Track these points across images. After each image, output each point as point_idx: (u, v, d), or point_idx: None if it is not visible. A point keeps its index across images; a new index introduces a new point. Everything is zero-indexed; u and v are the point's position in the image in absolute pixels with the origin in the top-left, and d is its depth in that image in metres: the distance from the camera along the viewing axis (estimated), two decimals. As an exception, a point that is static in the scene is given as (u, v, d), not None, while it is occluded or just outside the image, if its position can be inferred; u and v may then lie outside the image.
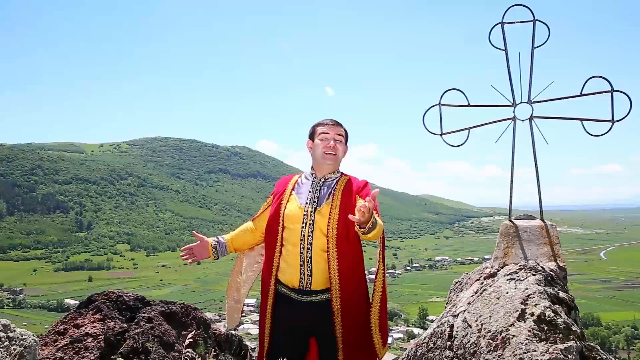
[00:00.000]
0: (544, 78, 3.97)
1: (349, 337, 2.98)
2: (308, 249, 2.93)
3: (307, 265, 2.93)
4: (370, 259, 4.44)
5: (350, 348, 2.99)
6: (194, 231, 3.42)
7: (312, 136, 3.21)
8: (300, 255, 2.94)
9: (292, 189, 3.17)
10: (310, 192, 3.09)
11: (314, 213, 2.99)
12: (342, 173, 3.21)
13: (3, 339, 2.32)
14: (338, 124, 3.16)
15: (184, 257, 3.37)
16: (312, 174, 3.18)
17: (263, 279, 3.17)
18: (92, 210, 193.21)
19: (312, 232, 2.95)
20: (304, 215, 3.00)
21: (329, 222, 2.97)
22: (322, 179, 3.14)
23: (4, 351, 2.27)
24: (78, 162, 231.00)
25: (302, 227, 2.96)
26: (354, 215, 2.66)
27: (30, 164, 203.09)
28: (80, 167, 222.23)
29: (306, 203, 3.04)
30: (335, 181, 3.14)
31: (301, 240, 2.94)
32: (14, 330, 2.45)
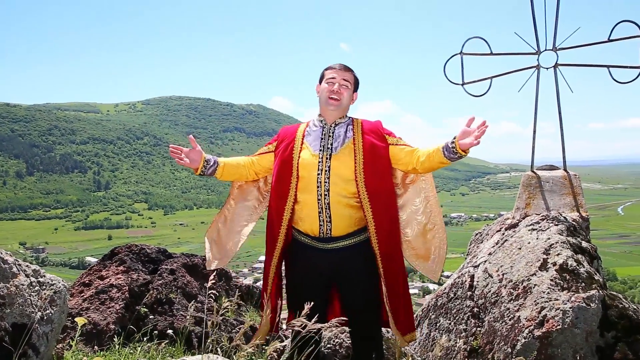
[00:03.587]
0: (570, 24, 3.86)
1: (389, 279, 3.02)
2: (325, 195, 2.90)
3: (326, 212, 2.91)
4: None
5: (391, 292, 3.02)
6: (190, 136, 3.15)
7: (321, 80, 3.13)
8: (318, 203, 2.91)
9: (303, 137, 3.09)
10: (322, 139, 3.03)
11: (330, 159, 2.95)
12: (352, 118, 3.13)
13: (34, 283, 2.36)
14: (347, 69, 3.08)
15: (173, 153, 3.12)
16: (321, 121, 3.11)
17: (271, 228, 3.11)
18: (110, 170, 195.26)
19: (328, 178, 2.91)
20: (319, 162, 2.95)
21: (355, 165, 2.95)
22: (333, 125, 3.07)
23: (36, 295, 2.32)
24: (94, 122, 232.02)
25: (318, 175, 2.93)
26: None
27: (48, 124, 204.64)
28: (97, 127, 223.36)
29: (320, 150, 2.99)
30: (347, 125, 3.08)
31: (318, 187, 2.91)
32: (44, 276, 2.49)
